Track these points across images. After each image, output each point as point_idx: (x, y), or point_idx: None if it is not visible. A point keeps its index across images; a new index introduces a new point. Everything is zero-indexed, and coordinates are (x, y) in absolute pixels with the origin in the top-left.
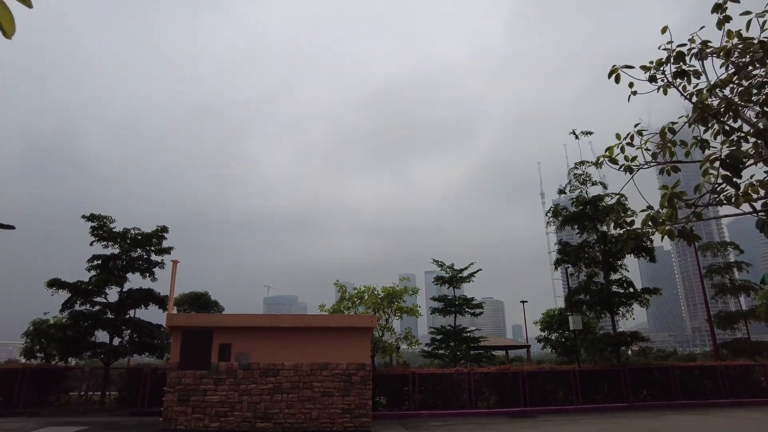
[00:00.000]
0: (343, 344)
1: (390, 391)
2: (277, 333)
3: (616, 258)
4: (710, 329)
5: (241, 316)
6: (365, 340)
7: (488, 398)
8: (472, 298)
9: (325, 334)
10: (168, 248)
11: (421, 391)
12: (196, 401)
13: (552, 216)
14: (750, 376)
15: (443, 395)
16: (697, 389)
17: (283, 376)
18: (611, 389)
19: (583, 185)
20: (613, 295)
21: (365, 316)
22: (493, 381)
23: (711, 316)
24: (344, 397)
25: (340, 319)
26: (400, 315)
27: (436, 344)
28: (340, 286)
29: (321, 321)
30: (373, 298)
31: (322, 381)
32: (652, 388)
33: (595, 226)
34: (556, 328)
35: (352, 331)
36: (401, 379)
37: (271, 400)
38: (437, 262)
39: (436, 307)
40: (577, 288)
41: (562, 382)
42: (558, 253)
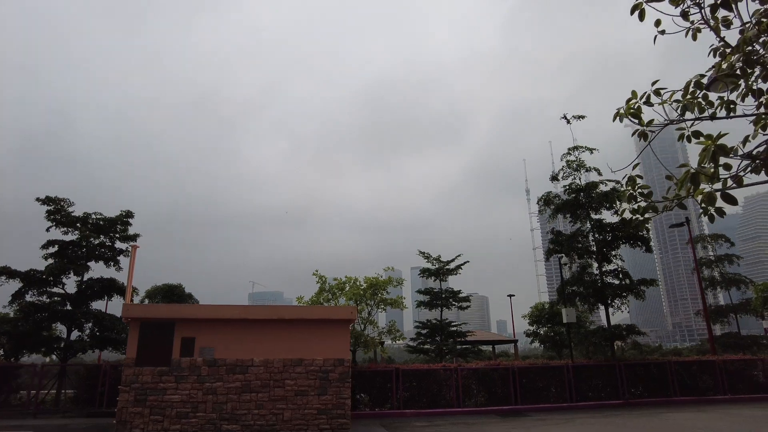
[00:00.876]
0: (319, 338)
1: (372, 388)
2: (246, 326)
3: (611, 248)
4: (706, 322)
5: (207, 306)
6: (344, 334)
7: (477, 396)
8: (459, 290)
9: (300, 327)
10: (134, 235)
11: (406, 388)
12: (154, 401)
13: (543, 204)
14: (748, 372)
15: (429, 393)
16: (695, 385)
17: (252, 374)
18: (606, 385)
19: (576, 171)
20: (607, 287)
21: (344, 307)
22: (482, 377)
23: (701, 310)
24: (320, 396)
25: (316, 310)
26: (383, 307)
27: (422, 339)
28: (319, 276)
29: (295, 313)
30: (354, 289)
31: (296, 378)
32: (648, 384)
33: (588, 215)
34: (545, 323)
35: (330, 323)
36: (384, 376)
37: (239, 399)
38: (423, 254)
39: (423, 300)
40: (570, 279)
41: (555, 378)
42: (550, 242)
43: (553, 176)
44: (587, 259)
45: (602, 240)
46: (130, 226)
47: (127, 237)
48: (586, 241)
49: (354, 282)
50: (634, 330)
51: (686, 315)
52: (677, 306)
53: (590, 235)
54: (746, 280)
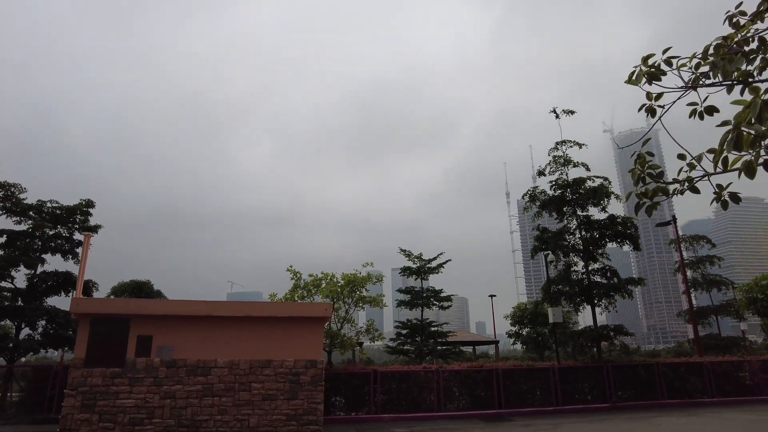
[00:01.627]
0: (290, 337)
1: (348, 391)
2: (210, 323)
3: (597, 246)
4: (692, 323)
5: (166, 302)
6: (318, 333)
7: (459, 399)
8: (441, 289)
9: (269, 325)
10: (95, 226)
11: (384, 391)
12: (105, 406)
13: (529, 200)
14: (735, 373)
15: (409, 396)
16: (683, 387)
17: (215, 376)
18: (593, 388)
19: (563, 167)
20: (595, 286)
21: (318, 304)
22: (464, 380)
23: (683, 311)
24: (290, 401)
25: (287, 307)
26: (362, 306)
27: (402, 339)
28: (293, 272)
29: (265, 310)
30: (331, 286)
31: (264, 381)
32: (636, 387)
33: (575, 212)
34: (528, 323)
35: (303, 322)
36: (361, 378)
37: (200, 404)
38: (405, 252)
39: (403, 300)
40: (556, 278)
41: (540, 380)
42: (536, 239)
43: (540, 171)
44: (573, 258)
45: (589, 238)
46: (90, 216)
47: (87, 228)
48: (573, 239)
49: (331, 279)
50: (622, 331)
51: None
52: (652, 308)
53: (577, 232)
54: (727, 282)
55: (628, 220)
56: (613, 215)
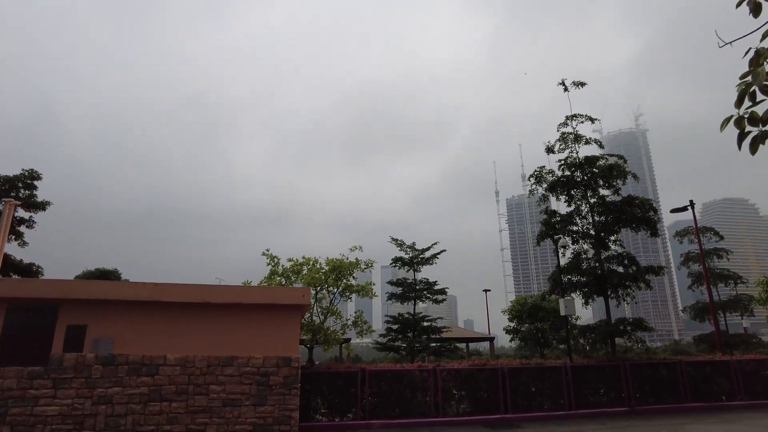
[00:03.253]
0: (260, 329)
1: (331, 394)
2: (160, 311)
3: (610, 232)
4: (713, 316)
5: (104, 283)
6: (294, 324)
7: (459, 402)
8: (435, 281)
9: (233, 314)
10: (44, 203)
11: (374, 393)
12: (19, 416)
13: (534, 182)
14: (763, 373)
15: (402, 398)
16: (708, 389)
17: (164, 375)
18: (609, 389)
19: (574, 143)
20: (612, 275)
21: (295, 289)
22: (465, 380)
23: (688, 307)
24: (257, 407)
25: (256, 292)
26: (348, 296)
27: (393, 335)
28: (270, 257)
29: (228, 295)
30: (314, 273)
31: (225, 383)
32: (656, 388)
33: (585, 194)
34: (526, 318)
35: (275, 310)
36: (347, 378)
37: (144, 411)
38: (396, 242)
39: (394, 293)
40: (567, 266)
41: (551, 381)
42: (543, 224)
43: (548, 148)
44: (583, 244)
45: (603, 222)
46: (36, 189)
47: (34, 204)
48: (585, 223)
49: (314, 264)
50: (641, 325)
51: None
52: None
53: (589, 216)
54: (735, 276)
55: (646, 202)
56: (631, 196)
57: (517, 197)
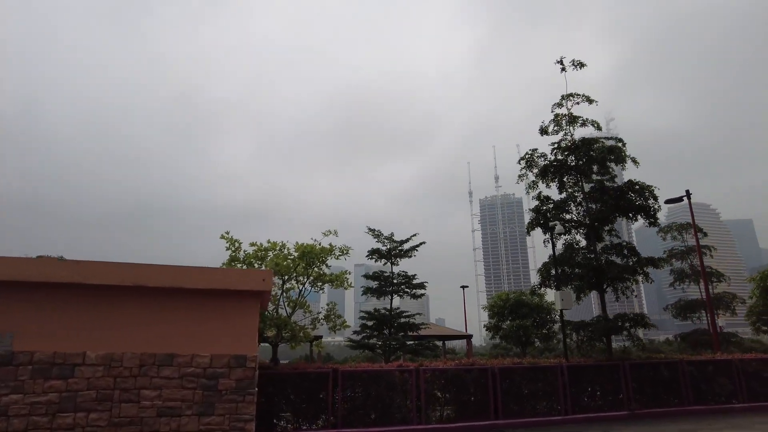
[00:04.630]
0: (207, 321)
1: (298, 398)
2: (78, 296)
3: (605, 222)
4: (710, 314)
5: (3, 259)
6: (250, 315)
7: (444, 407)
8: (414, 275)
9: (175, 301)
10: None
11: (347, 397)
12: None
13: (525, 166)
14: (764, 373)
15: (380, 403)
16: (711, 390)
17: (82, 378)
18: (607, 392)
19: (569, 125)
20: (610, 267)
21: (252, 272)
22: (451, 381)
23: (670, 306)
24: (202, 417)
25: (203, 275)
26: (321, 286)
27: (367, 332)
28: (230, 240)
29: (167, 277)
30: (280, 259)
31: (162, 387)
32: (656, 390)
33: (578, 181)
34: (508, 315)
35: (228, 298)
36: (316, 380)
37: (52, 425)
38: (373, 232)
39: (370, 287)
40: (561, 257)
41: (545, 382)
42: (534, 211)
43: (542, 128)
44: (575, 235)
45: (598, 210)
46: None
47: None
48: (580, 210)
49: (280, 249)
50: (642, 321)
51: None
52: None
53: (584, 203)
54: (718, 273)
55: (647, 188)
56: (631, 180)
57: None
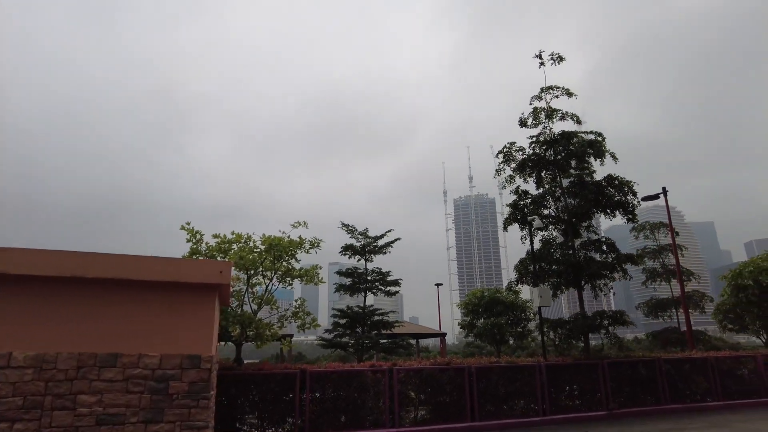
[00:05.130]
0: (157, 317)
1: (263, 401)
2: (5, 289)
3: (582, 218)
4: (684, 312)
5: None
6: (206, 311)
7: (418, 408)
8: (389, 271)
9: (119, 295)
10: None
11: (316, 399)
12: None
13: (503, 160)
14: (737, 371)
15: (351, 405)
16: (688, 388)
17: (7, 383)
18: (585, 391)
19: (548, 119)
20: (589, 263)
21: (208, 262)
22: (426, 381)
23: (641, 304)
24: (150, 424)
25: (152, 265)
26: (290, 281)
27: (340, 330)
28: (190, 231)
29: (110, 267)
30: (245, 252)
31: (103, 391)
32: (634, 389)
33: (555, 177)
34: (483, 312)
35: (181, 291)
36: (282, 382)
37: None
38: (347, 227)
39: (343, 284)
40: (538, 253)
41: (522, 382)
42: (511, 206)
43: (521, 120)
44: (552, 231)
45: (579, 206)
46: None
47: None
48: (558, 205)
49: (245, 242)
50: (621, 319)
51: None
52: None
53: (563, 198)
54: (689, 272)
55: (626, 184)
56: (611, 175)
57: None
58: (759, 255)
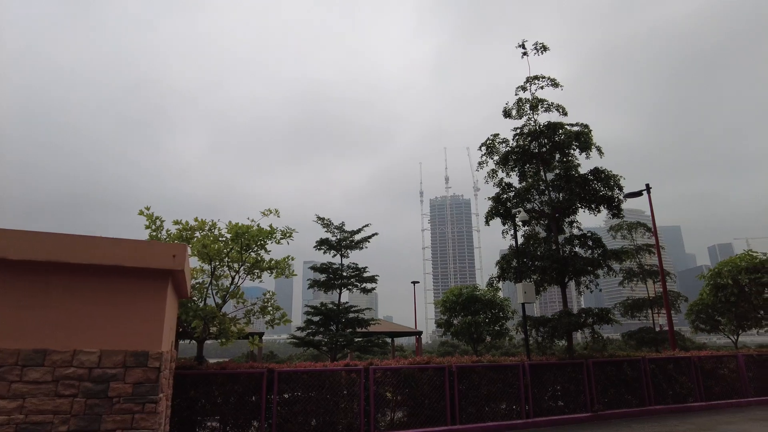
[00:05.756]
0: (95, 307)
1: (226, 404)
2: None
3: (566, 213)
4: (667, 312)
5: None
6: (156, 301)
7: (395, 410)
8: (365, 267)
9: (50, 281)
10: None
11: (285, 401)
12: None
13: (486, 152)
14: (719, 371)
15: (323, 408)
16: (672, 389)
17: None
18: (570, 392)
19: (532, 110)
20: (575, 259)
21: (157, 245)
22: (404, 382)
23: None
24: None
25: (91, 246)
26: (258, 274)
27: (313, 328)
28: (149, 217)
29: (39, 248)
30: (209, 240)
31: (26, 395)
32: (618, 389)
33: (538, 170)
34: (461, 310)
35: (125, 278)
36: (247, 383)
37: None
38: (322, 221)
39: (318, 280)
40: (522, 249)
41: (504, 382)
42: (493, 200)
43: (505, 110)
44: (535, 226)
45: (564, 200)
46: None
47: None
48: (544, 199)
49: (210, 229)
50: (606, 317)
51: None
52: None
53: (548, 192)
54: (666, 272)
55: (612, 177)
56: (597, 168)
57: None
58: (738, 254)
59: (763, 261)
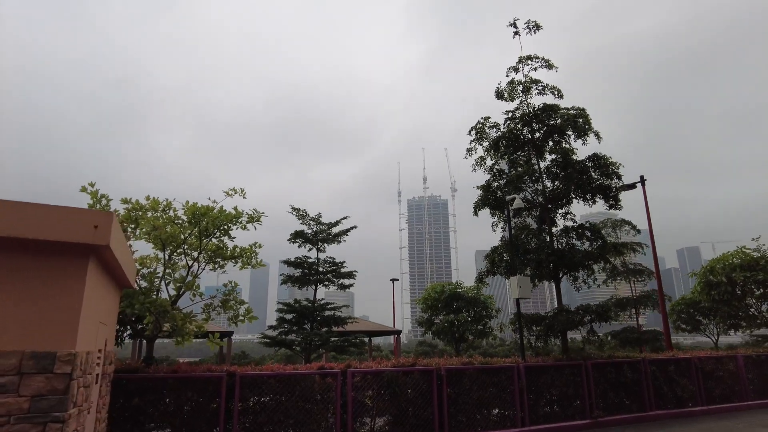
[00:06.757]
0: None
1: (180, 413)
2: None
3: (559, 204)
4: (662, 312)
5: None
6: (69, 284)
7: (375, 419)
8: (342, 262)
9: None
10: None
11: (250, 410)
12: None
13: (475, 139)
14: (718, 372)
15: (294, 418)
16: (673, 393)
17: None
18: (568, 396)
19: (525, 93)
20: (573, 252)
21: (73, 211)
22: (387, 387)
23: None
24: None
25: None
26: (222, 264)
27: (286, 326)
28: (94, 195)
29: None
30: (161, 222)
31: None
32: (618, 393)
33: (529, 159)
34: (443, 309)
35: (26, 253)
36: (203, 389)
37: None
38: (297, 212)
39: (291, 275)
40: (516, 240)
41: (497, 386)
42: (482, 189)
43: (497, 92)
44: (527, 216)
45: (560, 189)
46: None
47: None
48: (538, 188)
49: (164, 210)
50: (607, 315)
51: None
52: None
53: (542, 180)
54: (648, 271)
55: (612, 164)
56: (596, 154)
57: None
58: (730, 251)
59: (757, 258)
